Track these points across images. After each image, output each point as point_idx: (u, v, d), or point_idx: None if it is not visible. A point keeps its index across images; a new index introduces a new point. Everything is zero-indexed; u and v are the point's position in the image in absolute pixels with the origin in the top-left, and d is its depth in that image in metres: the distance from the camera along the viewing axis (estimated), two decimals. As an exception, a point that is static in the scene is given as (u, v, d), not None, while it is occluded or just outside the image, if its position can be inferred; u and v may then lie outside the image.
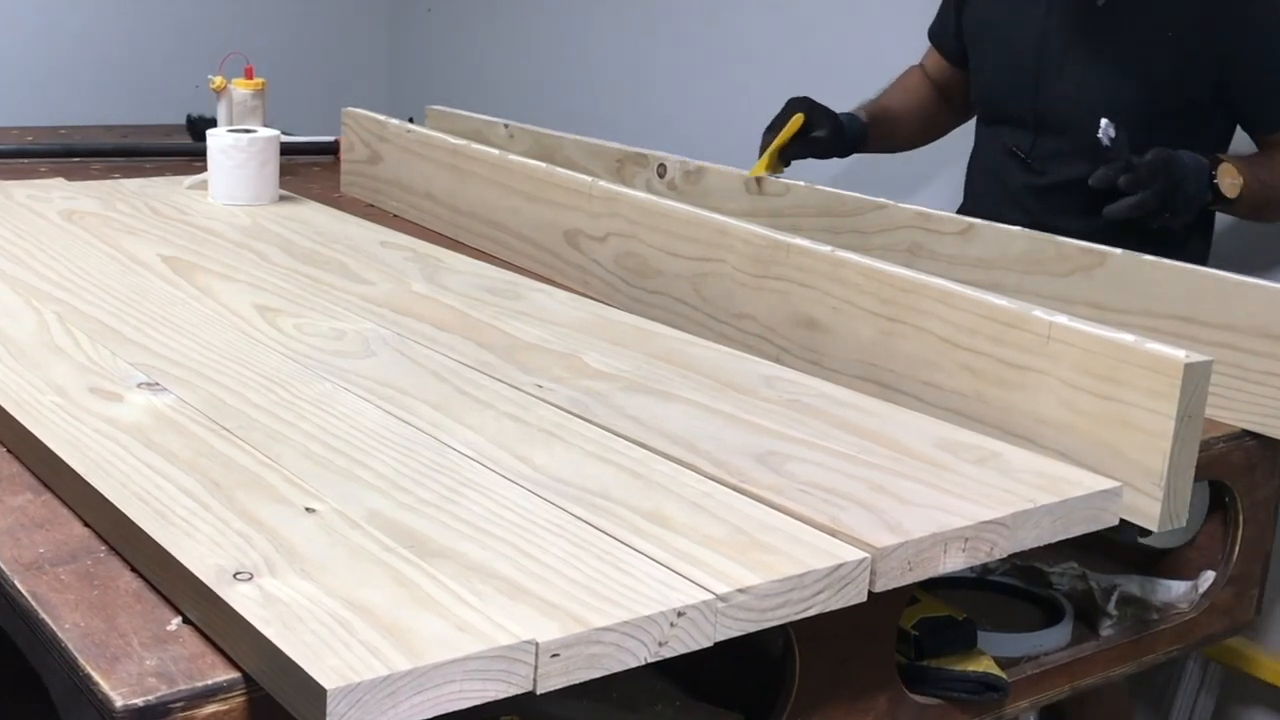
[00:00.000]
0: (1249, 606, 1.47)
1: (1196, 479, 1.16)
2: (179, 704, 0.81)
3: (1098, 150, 1.79)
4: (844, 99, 2.12)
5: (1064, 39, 1.93)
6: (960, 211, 1.91)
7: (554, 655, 0.82)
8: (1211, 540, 1.45)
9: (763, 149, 1.95)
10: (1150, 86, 1.87)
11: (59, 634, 0.87)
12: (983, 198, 2.06)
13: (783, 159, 1.97)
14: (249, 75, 2.42)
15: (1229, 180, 1.77)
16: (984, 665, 1.23)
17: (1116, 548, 1.53)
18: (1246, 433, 1.37)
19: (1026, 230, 1.57)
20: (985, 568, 1.47)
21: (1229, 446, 1.36)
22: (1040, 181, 1.97)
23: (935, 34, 2.20)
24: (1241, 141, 1.93)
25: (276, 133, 2.12)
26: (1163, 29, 1.86)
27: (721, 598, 0.89)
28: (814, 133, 1.97)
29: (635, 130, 2.93)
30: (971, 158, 2.14)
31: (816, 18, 2.86)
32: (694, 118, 2.89)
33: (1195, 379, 1.12)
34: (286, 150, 2.24)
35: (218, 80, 2.42)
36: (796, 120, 1.95)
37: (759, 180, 1.92)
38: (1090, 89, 1.91)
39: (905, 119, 2.19)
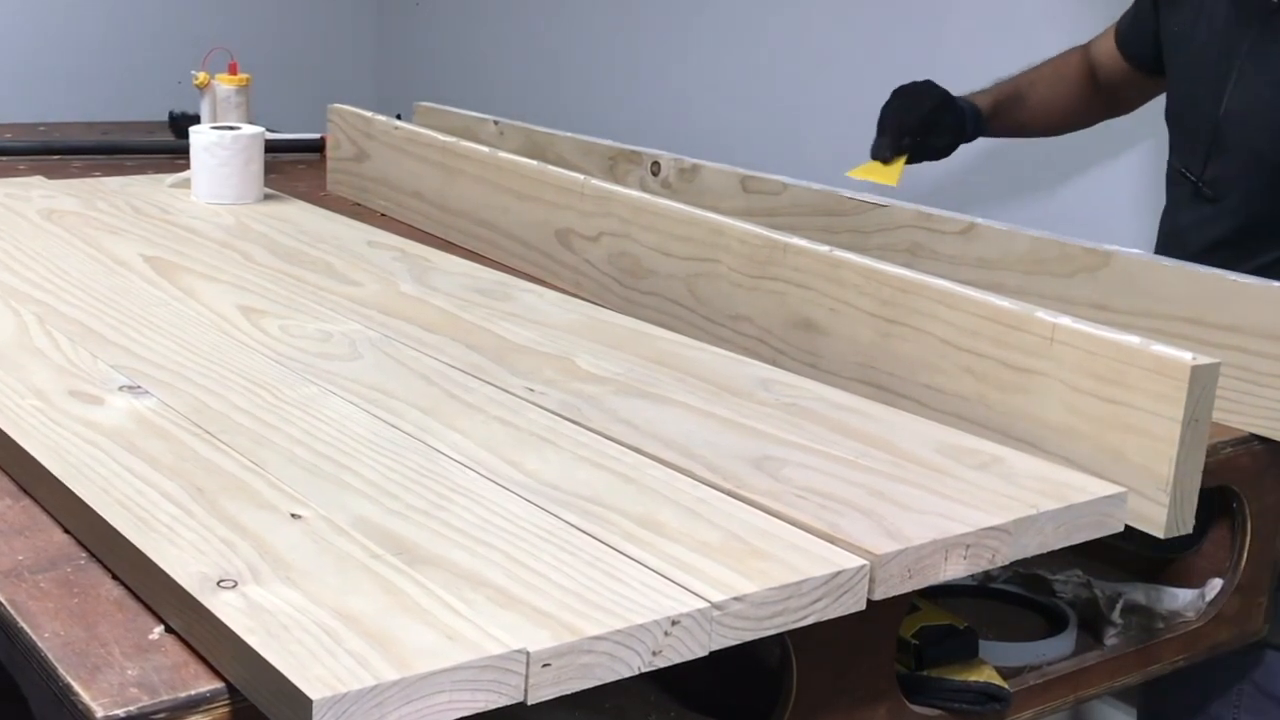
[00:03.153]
0: (1257, 615, 1.48)
1: (1203, 484, 1.16)
2: (161, 714, 0.81)
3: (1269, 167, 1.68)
4: (843, 97, 2.13)
5: (1246, 43, 1.73)
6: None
7: (545, 665, 0.82)
8: (1218, 547, 1.45)
9: (888, 144, 1.90)
10: None
11: (38, 643, 0.87)
12: (1163, 238, 1.90)
13: (910, 161, 1.94)
14: (233, 71, 2.43)
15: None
16: (986, 675, 1.23)
17: (1121, 555, 1.53)
18: (1255, 437, 1.37)
19: (1030, 230, 1.58)
20: (987, 575, 1.47)
21: (1237, 451, 1.36)
22: (1214, 211, 1.77)
23: (1126, 38, 2.00)
24: None
25: (261, 130, 2.12)
26: None
27: (717, 606, 0.89)
28: (938, 139, 1.94)
29: (629, 127, 2.93)
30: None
31: (814, 13, 2.87)
32: (689, 115, 2.90)
33: (1202, 382, 1.13)
34: (271, 148, 2.24)
35: (201, 76, 2.42)
36: (919, 131, 1.92)
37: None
38: (1261, 100, 1.71)
39: (1041, 112, 2.10)
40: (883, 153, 1.91)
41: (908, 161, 1.93)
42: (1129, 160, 2.44)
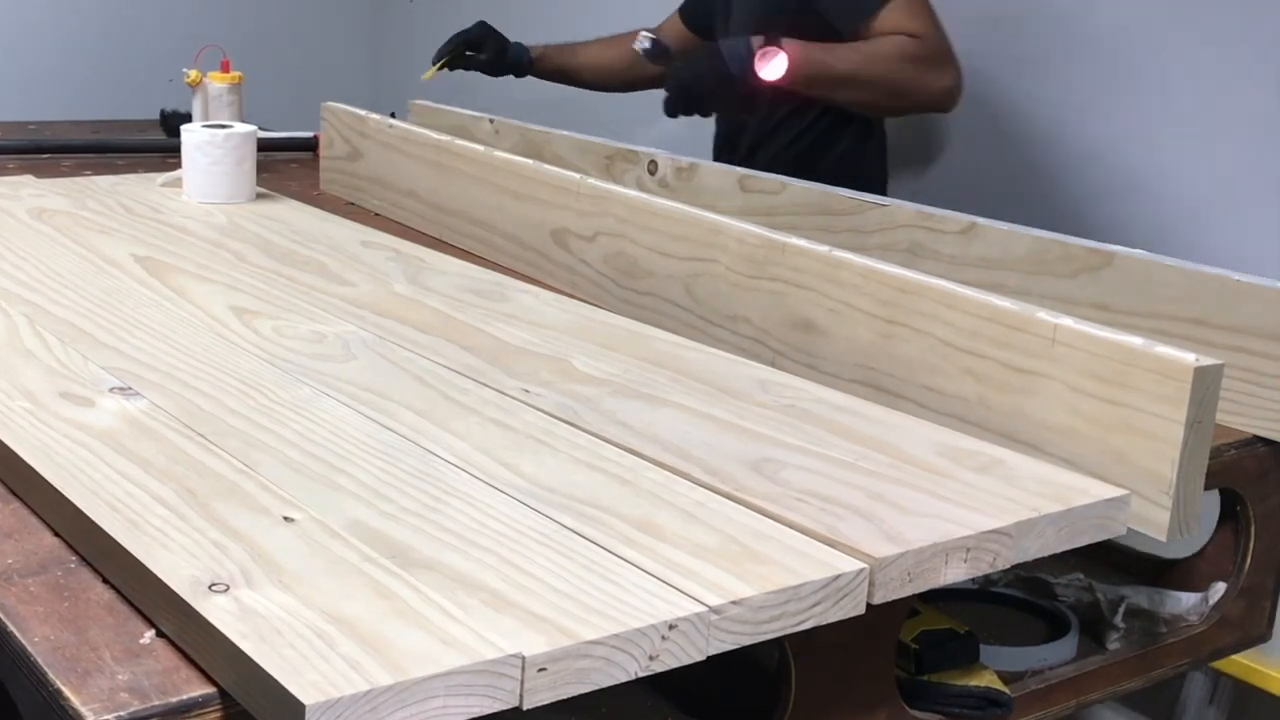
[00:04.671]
0: (1261, 619, 1.48)
1: (1207, 487, 1.16)
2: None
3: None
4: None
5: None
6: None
7: (541, 669, 0.82)
8: (1222, 551, 1.46)
9: (436, 57, 2.71)
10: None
11: (28, 647, 0.87)
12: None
13: (449, 68, 2.74)
14: (225, 68, 2.43)
15: (768, 63, 2.15)
16: (987, 680, 1.23)
17: (1123, 558, 1.54)
18: (1258, 439, 1.37)
19: (1031, 230, 1.58)
20: (988, 579, 1.47)
21: (1240, 453, 1.36)
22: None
23: (691, 14, 2.66)
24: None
25: (253, 128, 2.12)
26: None
27: (714, 610, 0.89)
28: (479, 55, 2.71)
29: (625, 125, 2.93)
30: None
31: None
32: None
33: (1206, 383, 1.13)
34: (264, 146, 2.24)
35: (193, 74, 2.43)
36: (460, 47, 2.70)
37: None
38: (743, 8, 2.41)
39: (588, 69, 2.82)
40: (434, 58, 2.74)
41: (453, 68, 2.75)
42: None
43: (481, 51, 2.73)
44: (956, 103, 2.25)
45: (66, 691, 0.82)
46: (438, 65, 2.73)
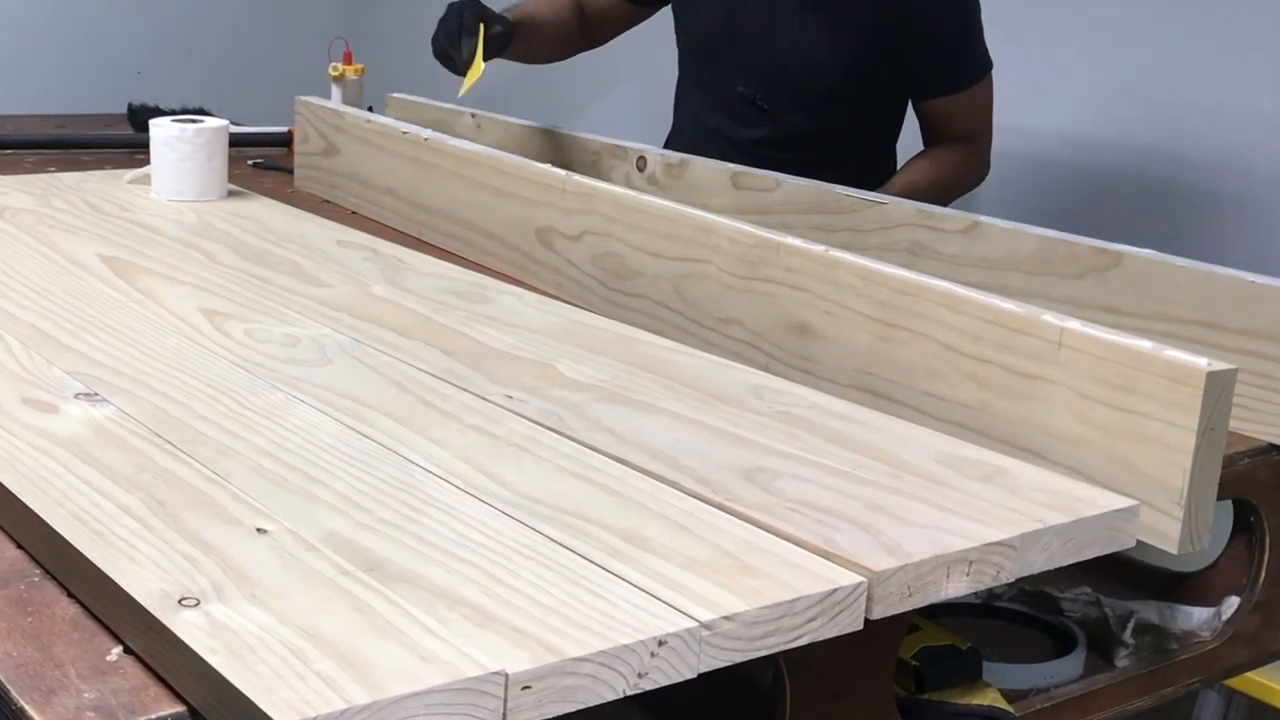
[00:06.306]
0: (1276, 635, 1.48)
1: (1219, 497, 1.16)
2: (119, 740, 0.81)
3: (822, 99, 2.24)
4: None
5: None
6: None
7: (525, 687, 0.82)
8: (1236, 563, 1.46)
9: (464, 59, 2.15)
10: (847, 49, 2.21)
11: (-11, 665, 0.87)
12: (694, 146, 2.28)
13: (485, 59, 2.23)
14: (348, 60, 2.46)
15: None
16: (990, 698, 1.23)
17: (1133, 571, 1.54)
18: (1273, 447, 1.37)
19: (1036, 229, 1.58)
20: (991, 593, 1.48)
21: (1254, 462, 1.37)
22: (776, 131, 2.29)
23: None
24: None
25: (225, 123, 2.12)
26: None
27: (706, 625, 0.89)
28: (493, 30, 2.21)
29: (613, 121, 2.94)
30: (681, 109, 2.45)
31: None
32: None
33: (1218, 389, 1.13)
34: (236, 142, 2.24)
35: (342, 68, 2.46)
36: (483, 29, 2.19)
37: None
38: (811, 43, 2.24)
39: (547, 36, 2.44)
40: (465, 61, 2.21)
41: (487, 59, 2.20)
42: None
43: (494, 23, 2.22)
44: None
45: (30, 710, 0.82)
46: (473, 67, 2.19)
